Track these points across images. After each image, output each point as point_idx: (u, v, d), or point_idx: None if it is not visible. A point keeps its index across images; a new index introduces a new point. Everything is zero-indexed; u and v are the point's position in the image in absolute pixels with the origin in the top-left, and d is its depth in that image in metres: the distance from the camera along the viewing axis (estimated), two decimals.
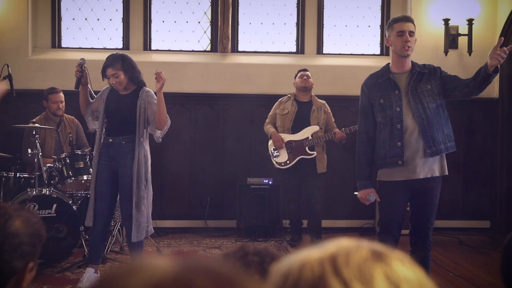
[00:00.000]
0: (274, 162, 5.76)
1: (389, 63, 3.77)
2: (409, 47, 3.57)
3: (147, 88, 4.34)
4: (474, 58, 6.61)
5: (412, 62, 3.69)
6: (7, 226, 1.45)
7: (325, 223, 6.11)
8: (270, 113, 5.91)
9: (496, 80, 6.76)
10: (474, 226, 6.74)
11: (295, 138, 5.68)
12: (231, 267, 0.68)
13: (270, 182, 6.28)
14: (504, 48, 3.36)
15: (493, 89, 6.78)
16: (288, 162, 5.69)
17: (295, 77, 5.83)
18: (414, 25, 3.67)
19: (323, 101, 5.83)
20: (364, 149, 3.72)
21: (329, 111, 5.81)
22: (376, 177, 3.74)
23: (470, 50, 6.56)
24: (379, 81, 3.67)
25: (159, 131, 4.29)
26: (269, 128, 5.81)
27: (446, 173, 3.67)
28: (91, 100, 4.44)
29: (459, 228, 6.64)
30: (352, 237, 0.82)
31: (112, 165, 4.25)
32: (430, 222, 3.63)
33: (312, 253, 0.75)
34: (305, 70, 5.85)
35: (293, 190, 5.80)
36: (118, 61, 4.20)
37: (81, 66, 4.27)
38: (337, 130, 5.62)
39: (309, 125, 5.68)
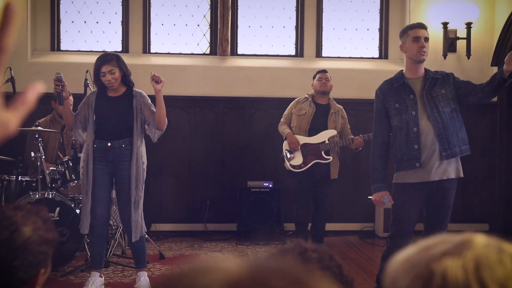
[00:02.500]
0: (288, 164, 5.51)
1: (402, 70, 3.89)
2: (424, 52, 3.69)
3: (139, 90, 4.34)
4: (472, 62, 6.66)
5: (425, 68, 3.81)
6: (14, 238, 1.38)
7: (326, 226, 6.11)
8: (285, 112, 5.66)
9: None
10: (472, 229, 6.76)
11: (311, 141, 5.47)
12: (304, 267, 0.67)
13: (271, 185, 6.28)
14: None
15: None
16: (302, 165, 5.47)
17: (314, 78, 5.62)
18: (428, 32, 3.79)
19: (341, 106, 5.65)
20: (379, 153, 3.81)
21: (346, 116, 5.64)
22: (392, 180, 3.82)
23: (468, 54, 6.60)
24: (394, 86, 3.77)
25: (159, 131, 4.30)
26: (284, 129, 5.57)
27: (461, 175, 3.77)
28: (73, 112, 4.39)
29: (458, 231, 6.64)
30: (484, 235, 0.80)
31: (110, 169, 4.22)
32: (444, 223, 3.72)
33: (450, 258, 0.73)
34: (324, 71, 5.64)
35: (304, 195, 5.53)
36: (113, 58, 4.22)
37: (59, 80, 4.22)
38: (353, 136, 5.48)
39: (325, 128, 5.48)
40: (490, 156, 6.81)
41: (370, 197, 3.87)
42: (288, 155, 5.54)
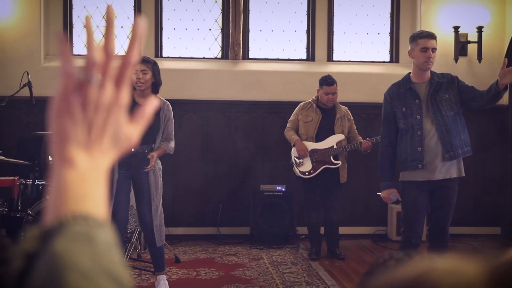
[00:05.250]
0: (297, 171, 5.54)
1: (409, 73, 4.08)
2: (431, 62, 3.91)
3: (166, 101, 4.39)
4: (483, 66, 6.68)
5: (431, 71, 4.01)
6: None
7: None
8: (291, 118, 5.69)
9: None
10: (484, 232, 6.77)
11: (319, 146, 5.50)
12: None
13: (283, 189, 6.29)
14: (511, 67, 3.66)
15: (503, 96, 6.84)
16: (312, 171, 5.50)
17: (320, 85, 5.56)
18: (436, 42, 4.01)
19: (346, 108, 5.67)
20: (387, 153, 4.07)
21: (352, 118, 5.67)
22: (399, 178, 4.08)
23: (479, 58, 6.62)
24: (401, 91, 4.00)
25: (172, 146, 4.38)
26: (291, 135, 5.59)
27: (463, 174, 4.03)
28: None
29: (470, 235, 6.67)
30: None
31: (130, 174, 4.27)
32: (448, 219, 3.98)
33: None
34: (331, 84, 5.48)
35: (314, 200, 5.59)
36: (150, 61, 4.30)
37: None
38: (362, 139, 5.49)
39: (333, 133, 5.51)
40: (502, 159, 6.82)
41: (379, 193, 4.17)
42: (297, 162, 5.56)
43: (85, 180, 0.71)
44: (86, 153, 0.73)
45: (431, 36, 3.96)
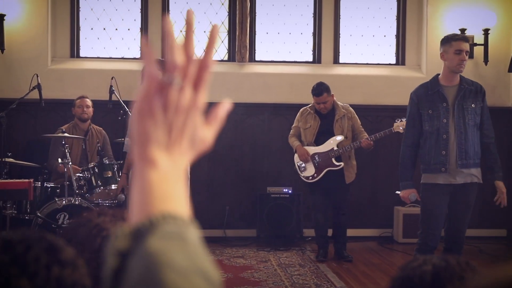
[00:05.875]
0: (301, 176, 5.62)
1: (438, 74, 4.06)
2: (464, 65, 3.93)
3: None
4: (490, 68, 6.69)
5: (460, 76, 4.01)
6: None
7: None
8: (293, 124, 5.75)
9: (511, 89, 6.83)
10: (490, 234, 6.77)
11: (320, 150, 5.53)
12: None
13: (290, 191, 6.30)
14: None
15: (508, 98, 6.86)
16: (315, 175, 5.54)
17: (311, 93, 5.56)
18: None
19: (347, 106, 5.66)
20: (409, 153, 4.06)
21: (354, 115, 5.64)
22: (420, 180, 4.09)
23: (486, 60, 6.63)
24: (429, 93, 3.97)
25: None
26: (293, 141, 5.66)
27: (481, 181, 4.10)
28: None
29: (476, 237, 6.66)
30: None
31: None
32: (466, 222, 4.04)
33: None
34: (319, 94, 5.46)
35: (321, 202, 5.60)
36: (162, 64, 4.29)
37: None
38: (363, 138, 5.50)
39: (333, 135, 5.53)
40: (507, 159, 6.81)
41: (398, 192, 4.16)
42: (301, 167, 5.61)
43: (167, 180, 0.73)
44: (167, 154, 0.74)
45: (465, 39, 4.02)
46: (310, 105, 5.71)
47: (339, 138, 5.54)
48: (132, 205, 0.72)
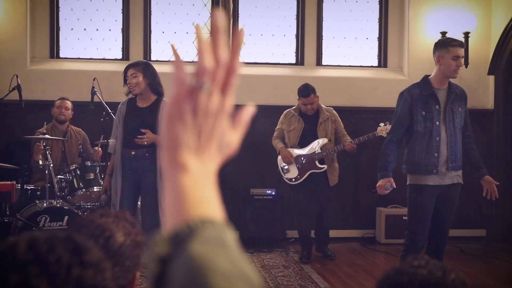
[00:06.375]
0: (285, 178, 5.65)
1: (427, 76, 4.07)
2: (458, 71, 3.94)
3: (167, 100, 4.36)
4: (470, 70, 6.76)
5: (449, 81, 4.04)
6: (110, 245, 1.36)
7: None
8: (277, 127, 5.77)
9: (490, 91, 6.92)
10: (470, 234, 6.84)
11: (304, 152, 5.56)
12: None
13: (273, 193, 6.29)
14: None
15: (487, 100, 6.94)
16: (298, 177, 5.57)
17: (298, 95, 5.58)
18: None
19: (331, 109, 5.69)
20: (392, 148, 4.05)
21: (337, 119, 5.68)
22: (407, 182, 4.11)
23: (466, 63, 6.70)
24: (424, 94, 3.97)
25: None
26: (277, 143, 5.69)
27: (462, 182, 4.14)
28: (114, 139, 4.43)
29: (456, 237, 6.72)
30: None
31: (134, 178, 4.25)
32: (450, 222, 4.08)
33: None
34: (307, 95, 5.49)
35: (304, 204, 5.63)
36: (140, 64, 4.34)
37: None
38: (347, 141, 5.53)
39: (316, 138, 5.57)
40: (487, 161, 6.87)
41: (374, 190, 4.15)
42: (284, 169, 5.64)
43: (200, 184, 0.73)
44: (197, 158, 0.75)
45: (462, 44, 4.00)
46: (294, 107, 5.73)
47: (323, 141, 5.57)
48: (166, 211, 0.72)
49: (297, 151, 5.60)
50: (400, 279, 1.25)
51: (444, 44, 3.93)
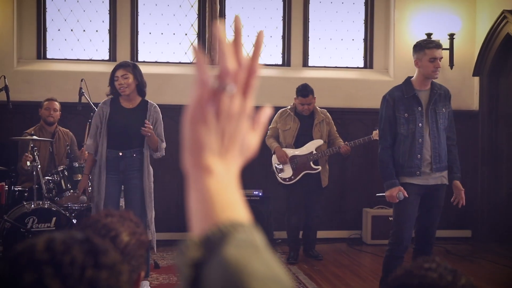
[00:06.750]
0: (279, 178, 5.65)
1: (409, 77, 4.07)
2: (438, 72, 3.94)
3: (154, 103, 4.38)
4: (455, 72, 6.84)
5: (431, 81, 4.03)
6: (117, 245, 1.37)
7: None
8: (271, 125, 5.71)
9: (475, 92, 7.00)
10: (456, 235, 6.91)
11: (299, 153, 5.57)
12: None
13: (260, 194, 6.31)
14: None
15: (472, 102, 7.02)
16: (292, 177, 5.58)
17: (296, 94, 5.61)
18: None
19: (325, 111, 5.73)
20: (388, 154, 4.01)
21: (331, 121, 5.73)
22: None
23: (451, 64, 6.78)
24: (405, 97, 3.97)
25: (157, 154, 4.36)
26: (271, 143, 5.65)
27: (448, 182, 4.11)
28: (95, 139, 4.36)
29: (442, 238, 6.78)
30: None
31: (120, 179, 4.24)
32: (436, 222, 4.07)
33: None
34: (306, 95, 5.52)
35: (295, 205, 5.64)
36: (129, 65, 4.32)
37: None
38: (342, 144, 5.56)
39: (312, 139, 5.59)
40: (472, 162, 6.96)
41: (381, 194, 4.17)
42: (278, 169, 5.64)
43: (225, 187, 0.73)
44: (220, 161, 0.74)
45: (439, 46, 3.99)
46: (290, 106, 5.72)
47: (319, 142, 5.59)
48: (193, 214, 0.72)
49: (292, 151, 5.61)
50: (410, 282, 1.24)
51: (421, 47, 3.94)
